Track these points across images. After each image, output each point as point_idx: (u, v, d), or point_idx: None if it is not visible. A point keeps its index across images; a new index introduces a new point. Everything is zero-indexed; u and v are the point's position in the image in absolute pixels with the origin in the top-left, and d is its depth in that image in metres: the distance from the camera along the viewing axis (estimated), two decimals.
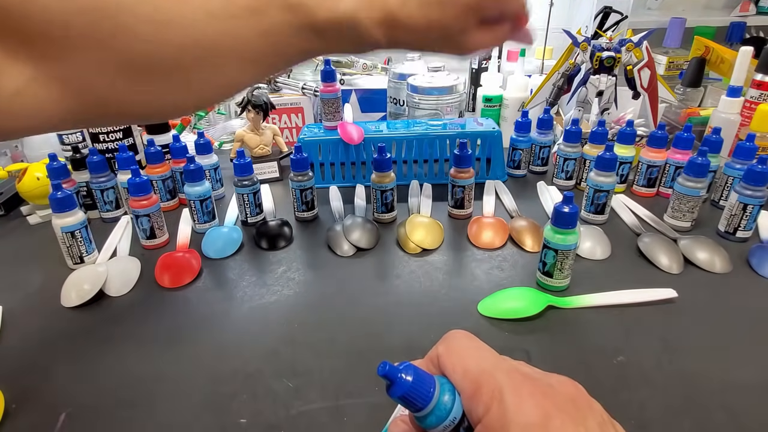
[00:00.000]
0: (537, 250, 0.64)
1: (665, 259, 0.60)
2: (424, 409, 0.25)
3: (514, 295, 0.55)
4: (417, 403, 0.25)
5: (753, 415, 0.41)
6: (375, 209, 0.71)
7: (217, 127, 1.00)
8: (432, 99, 0.91)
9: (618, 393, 0.43)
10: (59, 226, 0.60)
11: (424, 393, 0.25)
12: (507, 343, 0.49)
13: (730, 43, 1.12)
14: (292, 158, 0.69)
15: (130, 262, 0.63)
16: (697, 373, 0.45)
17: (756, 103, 0.79)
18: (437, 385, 0.26)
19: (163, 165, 0.75)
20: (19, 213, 0.78)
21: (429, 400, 0.25)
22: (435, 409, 0.25)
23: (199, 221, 0.70)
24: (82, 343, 0.51)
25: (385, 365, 0.25)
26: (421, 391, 0.25)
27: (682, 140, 0.72)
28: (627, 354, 0.47)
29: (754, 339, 0.49)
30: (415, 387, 0.25)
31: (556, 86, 0.85)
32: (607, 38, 0.82)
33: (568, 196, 0.52)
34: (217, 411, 0.43)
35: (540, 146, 0.84)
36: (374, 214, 0.72)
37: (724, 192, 0.72)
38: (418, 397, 0.25)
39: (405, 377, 0.25)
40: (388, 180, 0.69)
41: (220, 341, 0.51)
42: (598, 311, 0.53)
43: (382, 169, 0.68)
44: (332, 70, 0.78)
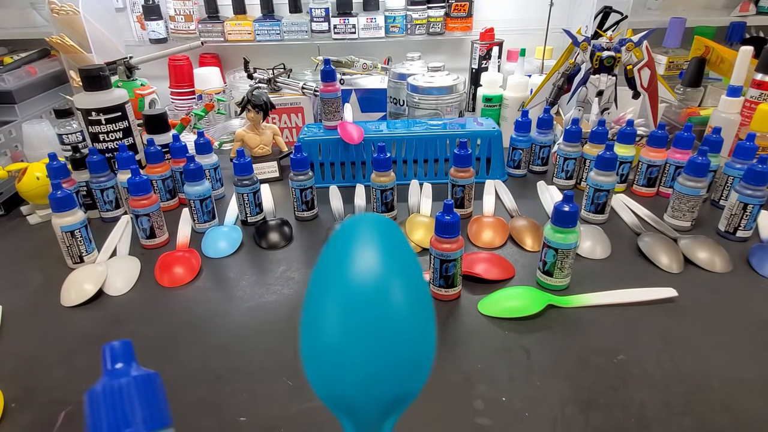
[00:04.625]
0: (537, 249, 0.64)
1: (665, 258, 0.60)
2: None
3: (514, 294, 0.55)
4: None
5: (753, 414, 0.41)
6: (375, 209, 0.71)
7: (217, 127, 1.00)
8: (432, 99, 0.91)
9: (618, 392, 0.43)
10: (59, 225, 0.60)
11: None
12: (507, 342, 0.49)
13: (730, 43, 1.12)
14: (292, 158, 0.69)
15: (130, 262, 0.63)
16: (698, 371, 0.45)
17: (756, 103, 0.79)
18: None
19: (163, 165, 0.75)
20: (19, 213, 0.78)
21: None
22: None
23: (198, 221, 0.70)
24: (81, 342, 0.51)
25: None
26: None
27: (682, 140, 0.72)
28: (627, 353, 0.47)
29: (754, 338, 0.49)
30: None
31: (556, 86, 0.85)
32: (607, 38, 0.82)
33: (568, 195, 0.52)
34: (217, 410, 0.43)
35: (540, 146, 0.84)
36: None
37: (724, 192, 0.72)
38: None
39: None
40: (388, 180, 0.69)
41: (219, 340, 0.51)
42: (599, 310, 0.53)
43: (382, 169, 0.68)
44: (332, 70, 0.78)
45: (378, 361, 0.16)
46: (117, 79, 0.97)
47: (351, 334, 0.16)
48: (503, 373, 0.45)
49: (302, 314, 0.17)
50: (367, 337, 0.16)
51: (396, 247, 0.18)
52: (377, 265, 0.17)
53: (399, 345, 0.16)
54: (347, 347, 0.16)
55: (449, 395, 0.43)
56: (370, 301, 0.16)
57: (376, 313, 0.16)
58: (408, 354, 0.16)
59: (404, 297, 0.17)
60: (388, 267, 0.17)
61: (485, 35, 1.07)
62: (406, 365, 0.16)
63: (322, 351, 0.16)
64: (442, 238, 0.52)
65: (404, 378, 0.16)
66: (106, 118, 0.74)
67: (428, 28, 1.17)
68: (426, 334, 0.17)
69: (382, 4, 1.17)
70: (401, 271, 0.17)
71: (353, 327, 0.16)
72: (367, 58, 1.06)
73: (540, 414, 0.41)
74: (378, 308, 0.16)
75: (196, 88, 1.13)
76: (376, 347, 0.16)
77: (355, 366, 0.16)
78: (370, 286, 0.16)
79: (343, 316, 0.16)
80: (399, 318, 0.16)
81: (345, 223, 0.19)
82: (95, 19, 1.05)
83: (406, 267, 0.18)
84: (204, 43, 1.07)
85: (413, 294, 0.17)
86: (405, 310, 0.16)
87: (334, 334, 0.16)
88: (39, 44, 1.16)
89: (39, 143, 0.87)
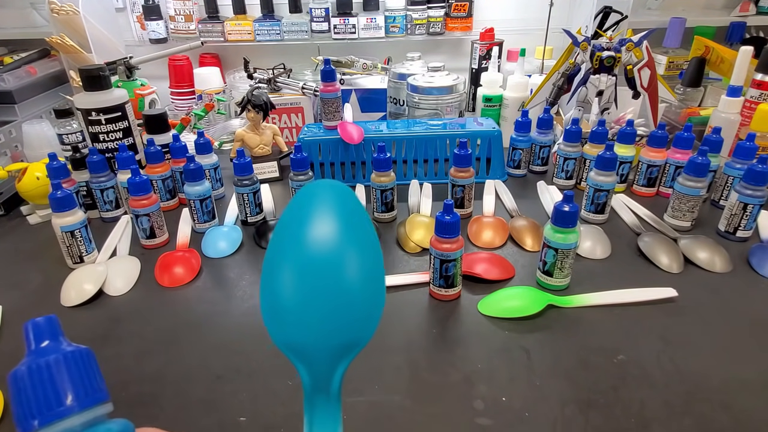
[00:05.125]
0: (537, 249, 0.64)
1: (665, 258, 0.60)
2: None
3: (514, 294, 0.55)
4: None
5: (753, 414, 0.41)
6: (375, 209, 0.71)
7: (217, 127, 1.00)
8: (432, 99, 0.91)
9: (618, 392, 0.43)
10: (59, 225, 0.60)
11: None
12: (507, 342, 0.49)
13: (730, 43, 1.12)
14: (292, 158, 0.69)
15: (130, 262, 0.63)
16: (698, 371, 0.45)
17: (756, 103, 0.79)
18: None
19: (163, 165, 0.75)
20: (19, 213, 0.78)
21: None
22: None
23: (198, 221, 0.70)
24: (81, 342, 0.51)
25: None
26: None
27: (682, 140, 0.72)
28: (627, 353, 0.47)
29: (754, 338, 0.49)
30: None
31: (556, 86, 0.85)
32: (607, 38, 0.82)
33: (568, 195, 0.52)
34: (217, 409, 0.43)
35: (540, 146, 0.84)
36: (374, 213, 0.72)
37: (724, 192, 0.72)
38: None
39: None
40: (388, 179, 0.69)
41: (219, 340, 0.51)
42: (599, 310, 0.53)
43: (382, 169, 0.68)
44: (332, 70, 0.78)
45: (330, 319, 0.17)
46: (117, 79, 0.97)
47: (305, 295, 0.17)
48: (503, 373, 0.45)
49: (262, 270, 0.18)
50: (320, 297, 0.17)
51: (350, 212, 0.19)
52: (331, 230, 0.18)
53: (350, 305, 0.18)
54: (301, 306, 0.17)
55: (449, 395, 0.43)
56: (324, 265, 0.18)
57: (328, 276, 0.18)
58: (358, 312, 0.18)
59: (356, 260, 0.18)
60: (342, 232, 0.18)
61: (485, 35, 1.07)
62: (357, 321, 0.18)
63: (279, 307, 0.17)
64: (442, 238, 0.52)
65: (354, 331, 0.18)
66: (106, 118, 0.74)
67: (428, 28, 1.17)
68: (376, 292, 0.18)
69: (382, 4, 1.17)
70: (354, 236, 0.18)
71: (307, 288, 0.17)
72: (367, 58, 1.06)
73: (540, 414, 0.41)
74: (330, 271, 0.18)
75: (196, 88, 1.13)
76: (329, 306, 0.17)
77: (308, 321, 0.17)
78: (324, 252, 0.18)
79: (298, 278, 0.17)
80: (350, 280, 0.18)
81: (303, 188, 0.20)
82: (95, 19, 1.05)
83: (359, 232, 0.19)
84: (204, 43, 1.07)
85: (364, 257, 0.18)
86: (356, 272, 0.18)
87: (290, 293, 0.17)
88: (39, 44, 1.16)
89: (39, 143, 0.87)
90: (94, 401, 0.18)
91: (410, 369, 0.46)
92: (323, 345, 0.18)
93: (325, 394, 0.18)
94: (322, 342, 0.18)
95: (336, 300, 0.18)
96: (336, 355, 0.18)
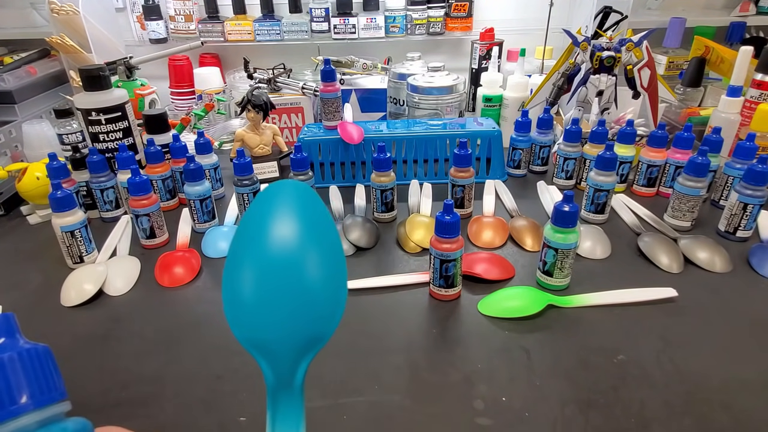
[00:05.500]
0: (537, 249, 0.64)
1: (665, 258, 0.60)
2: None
3: (514, 294, 0.55)
4: None
5: (753, 414, 0.41)
6: (375, 209, 0.71)
7: (217, 127, 1.00)
8: (432, 99, 0.91)
9: (618, 392, 0.43)
10: (59, 225, 0.60)
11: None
12: (507, 342, 0.49)
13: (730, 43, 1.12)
14: (292, 158, 0.69)
15: (130, 262, 0.63)
16: (698, 371, 0.45)
17: (756, 103, 0.79)
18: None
19: (163, 165, 0.75)
20: (19, 213, 0.78)
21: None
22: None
23: (198, 221, 0.70)
24: (81, 342, 0.51)
25: None
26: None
27: (682, 140, 0.72)
28: (627, 353, 0.47)
29: (754, 338, 0.49)
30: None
31: (556, 86, 0.85)
32: (607, 38, 0.82)
33: (568, 195, 0.52)
34: (217, 409, 0.43)
35: (540, 146, 0.84)
36: (374, 213, 0.72)
37: (724, 192, 0.72)
38: None
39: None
40: (388, 179, 0.69)
41: (219, 340, 0.51)
42: (599, 310, 0.53)
43: (382, 169, 0.68)
44: (332, 70, 0.78)
45: (291, 316, 0.17)
46: (117, 79, 0.97)
47: (266, 292, 0.18)
48: (503, 373, 0.45)
49: (225, 267, 0.19)
50: (281, 295, 0.17)
51: (311, 211, 0.19)
52: (291, 229, 0.18)
53: (311, 302, 0.18)
54: (262, 303, 0.17)
55: (449, 395, 0.43)
56: (284, 264, 0.18)
57: (289, 274, 0.18)
58: (320, 308, 0.18)
59: (316, 258, 0.18)
60: (302, 231, 0.18)
61: (485, 35, 1.07)
62: (318, 317, 0.18)
63: (240, 304, 0.18)
64: (442, 238, 0.52)
65: (316, 327, 0.18)
66: (106, 118, 0.74)
67: (428, 28, 1.17)
68: (337, 289, 0.18)
69: (382, 4, 1.17)
70: (314, 235, 0.18)
71: (268, 286, 0.18)
72: (367, 58, 1.06)
73: (540, 414, 0.41)
74: (291, 270, 0.18)
75: (196, 88, 1.13)
76: (290, 304, 0.17)
77: (269, 319, 0.17)
78: (284, 250, 0.18)
79: (258, 276, 0.18)
80: (310, 278, 0.18)
81: (266, 188, 0.20)
82: (95, 19, 1.05)
83: (319, 230, 0.19)
84: (204, 43, 1.07)
85: (324, 255, 0.18)
86: (316, 270, 0.18)
87: (251, 291, 0.18)
88: (39, 44, 1.16)
89: (39, 143, 0.87)
90: (50, 400, 0.17)
91: (410, 369, 0.46)
92: (285, 341, 0.18)
93: (288, 390, 0.18)
94: (283, 338, 0.18)
95: (297, 297, 0.18)
96: (298, 351, 0.18)
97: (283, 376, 0.18)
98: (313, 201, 0.20)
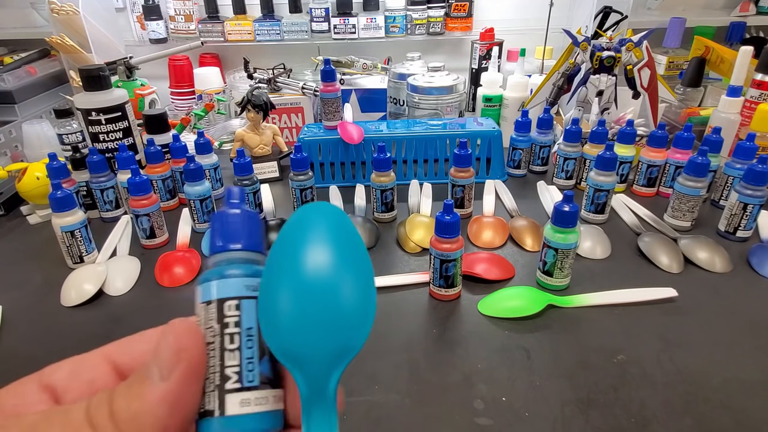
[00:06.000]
0: (537, 249, 0.64)
1: (665, 258, 0.60)
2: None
3: (514, 294, 0.55)
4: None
5: (753, 414, 0.41)
6: (375, 209, 0.71)
7: (217, 127, 1.00)
8: (432, 99, 0.91)
9: (618, 391, 0.43)
10: (59, 225, 0.60)
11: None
12: (507, 342, 0.49)
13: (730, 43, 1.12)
14: (292, 158, 0.69)
15: (130, 262, 0.63)
16: (697, 371, 0.45)
17: (756, 103, 0.79)
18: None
19: (163, 165, 0.75)
20: (19, 213, 0.78)
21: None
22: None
23: (198, 221, 0.70)
24: (81, 342, 0.51)
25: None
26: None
27: (682, 140, 0.72)
28: (627, 353, 0.47)
29: (754, 338, 0.49)
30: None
31: (556, 86, 0.85)
32: (607, 38, 0.82)
33: (568, 195, 0.52)
34: None
35: (540, 146, 0.84)
36: (374, 213, 0.72)
37: (724, 192, 0.72)
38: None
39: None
40: (388, 179, 0.69)
41: None
42: (599, 310, 0.53)
43: (382, 169, 0.68)
44: (332, 70, 0.78)
45: (325, 330, 0.19)
46: (117, 79, 0.97)
47: (301, 311, 0.19)
48: (503, 373, 0.45)
49: (261, 284, 0.20)
50: (315, 312, 0.19)
51: (342, 233, 0.21)
52: (326, 254, 0.20)
53: (343, 316, 0.19)
54: (297, 320, 0.19)
55: (449, 395, 0.43)
56: (319, 284, 0.19)
57: (323, 293, 0.19)
58: (351, 322, 0.19)
59: (349, 278, 0.20)
60: (336, 256, 0.20)
61: (485, 35, 1.07)
62: (350, 330, 0.19)
63: (276, 320, 0.19)
64: (442, 238, 0.52)
65: (348, 339, 0.19)
66: (106, 118, 0.74)
67: (428, 28, 1.17)
68: (367, 302, 0.20)
69: (382, 4, 1.17)
70: (348, 258, 0.20)
71: (303, 305, 0.19)
72: (367, 58, 1.06)
73: (540, 414, 0.41)
74: (325, 289, 0.19)
75: (196, 88, 1.13)
76: (324, 319, 0.19)
77: (304, 333, 0.19)
78: (319, 271, 0.20)
79: (294, 296, 0.19)
80: (343, 295, 0.19)
81: (299, 209, 0.22)
82: (95, 19, 1.05)
83: (352, 253, 0.21)
84: (204, 43, 1.07)
85: (357, 274, 0.20)
86: (350, 288, 0.20)
87: (287, 309, 0.19)
88: (39, 44, 1.16)
89: (39, 143, 0.87)
90: (257, 249, 0.21)
91: (410, 369, 0.46)
92: (318, 354, 0.19)
93: (322, 400, 0.19)
94: (317, 352, 0.19)
95: (331, 315, 0.19)
96: (331, 363, 0.19)
97: (316, 388, 0.19)
98: (343, 222, 0.21)
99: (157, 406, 0.16)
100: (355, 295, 0.20)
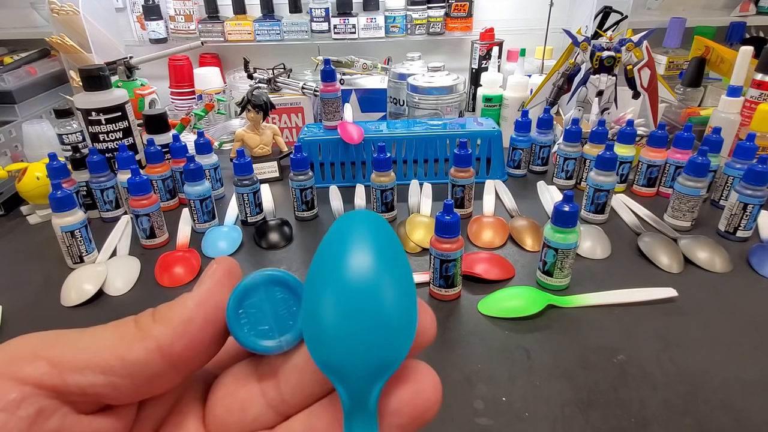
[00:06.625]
0: (537, 249, 0.64)
1: (665, 258, 0.60)
2: None
3: (514, 294, 0.55)
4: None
5: (753, 414, 0.41)
6: (375, 209, 0.71)
7: (217, 127, 1.00)
8: (432, 99, 0.91)
9: (618, 391, 0.43)
10: (59, 225, 0.60)
11: None
12: (507, 342, 0.49)
13: (730, 43, 1.12)
14: (292, 158, 0.69)
15: (130, 262, 0.63)
16: (697, 371, 0.45)
17: (756, 103, 0.79)
18: None
19: (163, 165, 0.75)
20: (19, 213, 0.78)
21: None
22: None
23: (198, 221, 0.70)
24: None
25: None
26: None
27: (682, 140, 0.72)
28: (627, 353, 0.47)
29: (754, 338, 0.49)
30: None
31: (556, 86, 0.85)
32: (607, 38, 0.82)
33: (568, 195, 0.52)
34: None
35: (540, 146, 0.84)
36: None
37: (724, 192, 0.72)
38: None
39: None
40: (388, 180, 0.69)
41: None
42: (599, 310, 0.53)
43: (382, 169, 0.68)
44: (332, 70, 0.78)
45: (368, 342, 0.19)
46: (117, 79, 0.97)
47: (345, 320, 0.19)
48: (503, 373, 0.45)
49: (304, 295, 0.20)
50: (359, 323, 0.19)
51: (385, 241, 0.20)
52: (369, 261, 0.20)
53: (387, 328, 0.19)
54: (341, 330, 0.19)
55: (449, 395, 0.43)
56: (362, 294, 0.19)
57: (367, 304, 0.19)
58: (394, 334, 0.19)
59: (392, 288, 0.19)
60: (379, 264, 0.20)
61: (485, 35, 1.07)
62: (393, 342, 0.19)
63: (320, 331, 0.19)
64: (442, 238, 0.52)
65: (391, 351, 0.19)
66: (106, 118, 0.74)
67: (428, 28, 1.17)
68: (409, 315, 0.20)
69: (382, 4, 1.17)
70: (390, 267, 0.20)
71: (347, 314, 0.19)
72: (367, 58, 1.06)
73: (540, 414, 0.41)
74: (369, 299, 0.19)
75: (196, 88, 1.13)
76: (368, 331, 0.19)
77: (347, 344, 0.19)
78: (363, 281, 0.19)
79: (338, 305, 0.19)
80: (387, 306, 0.19)
81: (341, 217, 0.21)
82: (95, 19, 1.05)
83: (395, 261, 0.20)
84: (204, 43, 1.07)
85: (400, 285, 0.20)
86: (392, 298, 0.19)
87: (331, 319, 0.19)
88: (39, 44, 1.16)
89: (39, 143, 0.87)
90: None
91: None
92: (361, 366, 0.19)
93: (363, 412, 0.19)
94: (360, 363, 0.19)
95: (375, 325, 0.19)
96: (373, 375, 0.19)
97: (358, 399, 0.19)
98: (385, 230, 0.21)
99: (188, 298, 0.19)
100: (398, 304, 0.19)
